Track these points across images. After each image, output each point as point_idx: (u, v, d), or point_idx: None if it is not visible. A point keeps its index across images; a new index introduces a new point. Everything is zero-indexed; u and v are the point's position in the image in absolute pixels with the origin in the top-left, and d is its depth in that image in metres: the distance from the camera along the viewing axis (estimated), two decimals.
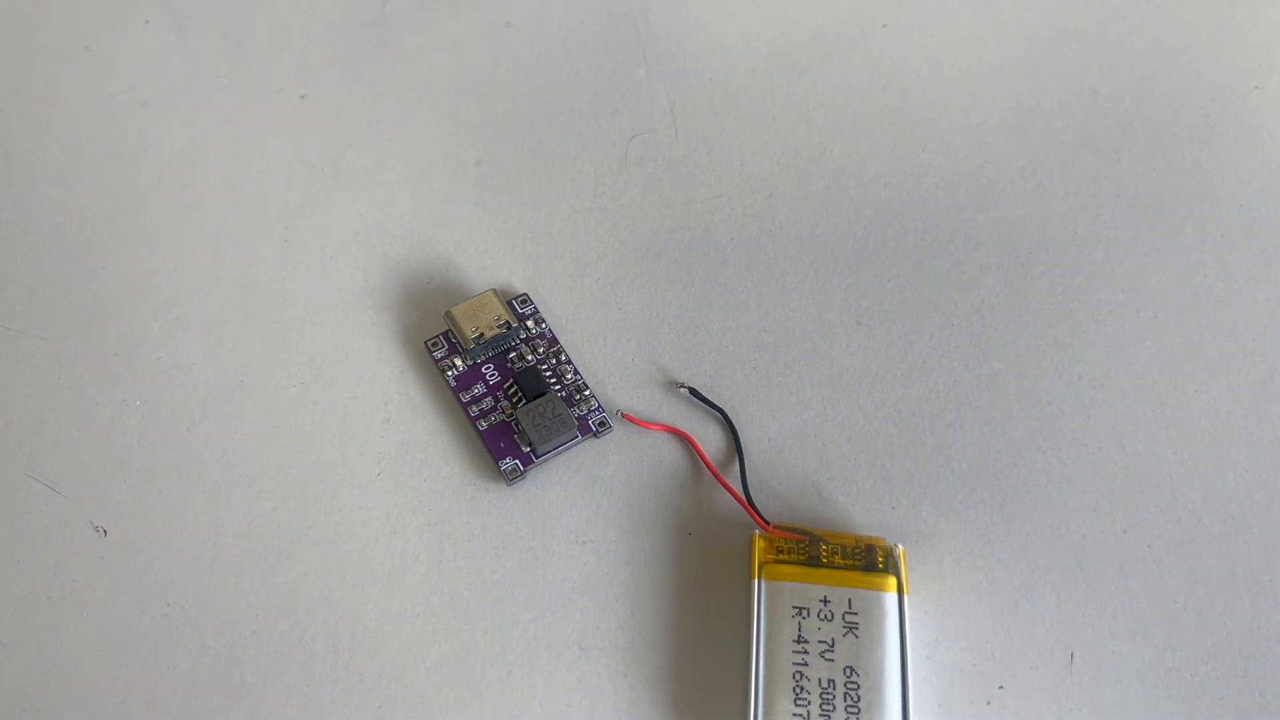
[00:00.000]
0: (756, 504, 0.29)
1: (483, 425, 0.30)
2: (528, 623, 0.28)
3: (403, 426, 0.31)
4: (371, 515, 0.30)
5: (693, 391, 0.31)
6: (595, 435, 0.31)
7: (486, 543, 0.29)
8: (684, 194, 0.36)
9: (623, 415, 0.31)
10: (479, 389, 0.31)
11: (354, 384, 0.32)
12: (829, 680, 0.26)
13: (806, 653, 0.26)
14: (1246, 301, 0.34)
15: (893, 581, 0.27)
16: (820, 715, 0.25)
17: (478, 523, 0.29)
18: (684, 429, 0.31)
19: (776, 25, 0.40)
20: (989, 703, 0.27)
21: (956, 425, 0.31)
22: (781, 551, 0.28)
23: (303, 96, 0.38)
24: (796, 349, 0.33)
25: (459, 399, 0.31)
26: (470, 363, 0.31)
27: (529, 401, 0.30)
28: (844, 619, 0.26)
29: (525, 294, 0.33)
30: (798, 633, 0.26)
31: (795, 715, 0.25)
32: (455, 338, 0.32)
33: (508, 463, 0.30)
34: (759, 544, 0.28)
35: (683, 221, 0.35)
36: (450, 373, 0.31)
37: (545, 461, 0.30)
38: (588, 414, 0.31)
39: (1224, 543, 0.29)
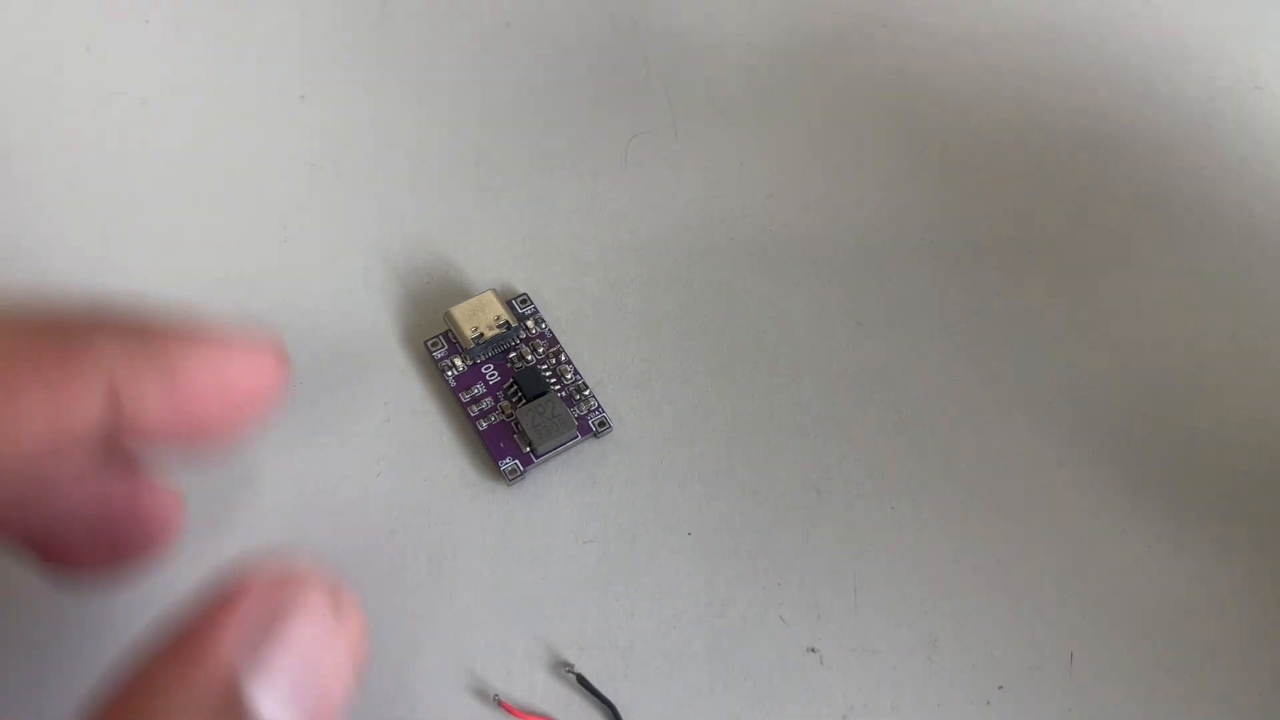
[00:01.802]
0: None
1: (483, 425, 0.30)
2: (528, 622, 0.28)
3: (403, 426, 0.31)
4: (371, 515, 0.30)
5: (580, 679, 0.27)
6: (595, 435, 0.30)
7: (486, 543, 0.29)
8: (684, 194, 0.36)
9: (499, 702, 0.26)
10: (479, 389, 0.31)
11: (354, 384, 0.32)
12: None
13: None
14: (1246, 301, 0.34)
15: None
16: None
17: (478, 523, 0.29)
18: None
19: (776, 25, 0.40)
20: (989, 703, 0.27)
21: (957, 425, 0.31)
22: None
23: (303, 96, 0.38)
24: (796, 348, 0.33)
25: (459, 399, 0.31)
26: (470, 363, 0.31)
27: (529, 401, 0.30)
28: None
29: (525, 294, 0.33)
30: None
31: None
32: (455, 338, 0.32)
33: (508, 463, 0.30)
34: None
35: (683, 221, 0.35)
36: (450, 373, 0.31)
37: (545, 461, 0.30)
38: (588, 414, 0.31)
39: (1224, 542, 0.29)
